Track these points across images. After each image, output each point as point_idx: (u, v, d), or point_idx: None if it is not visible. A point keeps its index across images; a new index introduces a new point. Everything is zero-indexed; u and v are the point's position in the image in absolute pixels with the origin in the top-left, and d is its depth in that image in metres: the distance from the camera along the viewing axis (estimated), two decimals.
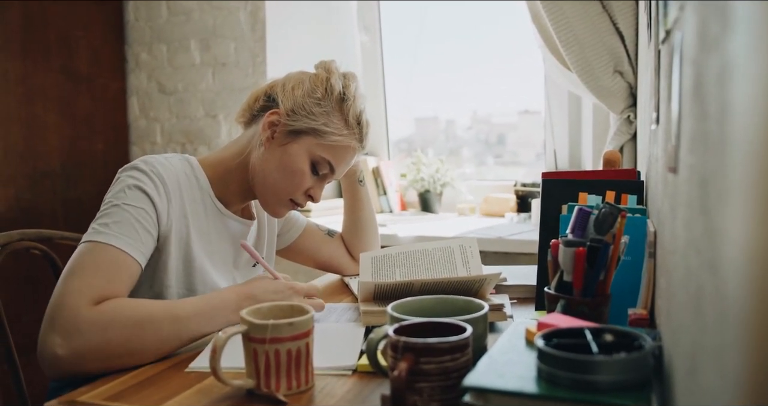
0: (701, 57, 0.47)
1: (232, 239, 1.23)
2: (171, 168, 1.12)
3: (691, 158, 0.52)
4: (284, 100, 1.18)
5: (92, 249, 0.99)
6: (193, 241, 1.13)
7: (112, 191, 1.07)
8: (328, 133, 1.17)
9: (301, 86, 1.19)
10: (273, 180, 1.18)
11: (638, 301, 1.01)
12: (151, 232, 1.06)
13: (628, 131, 1.90)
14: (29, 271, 2.27)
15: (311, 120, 1.16)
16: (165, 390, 0.86)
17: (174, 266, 1.11)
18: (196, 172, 1.17)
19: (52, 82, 2.44)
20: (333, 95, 1.18)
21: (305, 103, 1.17)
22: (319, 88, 1.18)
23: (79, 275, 0.97)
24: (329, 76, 1.20)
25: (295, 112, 1.17)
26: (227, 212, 1.21)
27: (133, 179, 1.07)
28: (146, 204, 1.06)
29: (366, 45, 2.81)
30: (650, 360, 0.67)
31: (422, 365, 0.72)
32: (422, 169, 2.59)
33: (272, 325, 0.81)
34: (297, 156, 1.17)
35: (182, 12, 2.65)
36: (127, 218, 1.03)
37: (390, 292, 1.13)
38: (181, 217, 1.11)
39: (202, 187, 1.17)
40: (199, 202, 1.16)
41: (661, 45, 0.83)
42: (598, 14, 1.85)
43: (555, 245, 0.93)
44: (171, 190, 1.10)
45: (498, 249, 2.00)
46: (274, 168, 1.18)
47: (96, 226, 1.02)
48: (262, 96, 1.22)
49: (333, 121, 1.18)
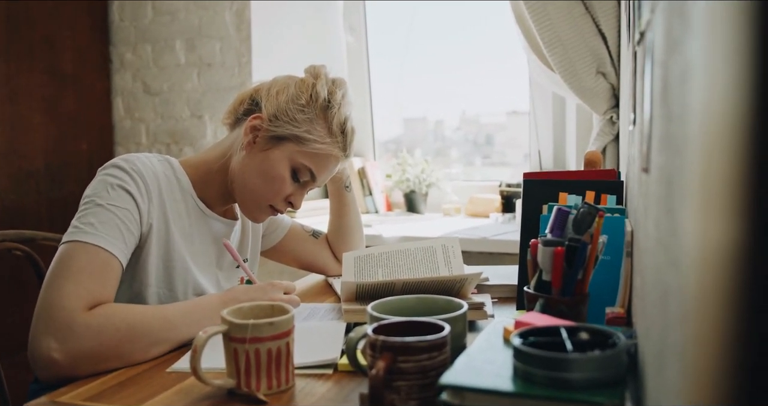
0: (667, 58, 0.48)
1: (215, 239, 1.23)
2: (150, 167, 1.12)
3: (660, 158, 0.53)
4: (267, 104, 1.17)
5: (83, 250, 0.99)
6: (175, 241, 1.13)
7: (93, 189, 1.06)
8: (310, 141, 1.16)
9: (285, 91, 1.17)
10: (252, 185, 1.17)
11: (617, 300, 1.02)
12: (134, 233, 1.06)
13: (611, 132, 1.92)
14: (11, 272, 2.25)
15: (294, 126, 1.15)
16: (146, 390, 0.86)
17: (154, 265, 1.11)
18: (177, 174, 1.17)
19: (36, 82, 2.42)
20: (317, 102, 1.17)
21: (288, 109, 1.16)
22: (303, 95, 1.17)
23: (73, 277, 0.96)
24: (315, 82, 1.18)
25: (278, 118, 1.16)
26: (210, 212, 1.21)
27: (116, 178, 1.07)
28: (130, 204, 1.06)
29: (352, 45, 2.82)
30: (624, 358, 0.68)
31: (400, 363, 0.72)
32: (408, 169, 2.59)
33: (252, 324, 0.81)
34: (277, 162, 1.16)
35: (167, 12, 2.64)
36: (111, 218, 1.03)
37: (372, 292, 1.13)
38: (161, 216, 1.11)
39: (184, 187, 1.17)
40: (180, 202, 1.16)
41: (637, 46, 0.84)
42: (581, 15, 1.87)
43: (534, 245, 0.94)
44: (151, 189, 1.09)
45: (482, 249, 2.01)
46: (255, 173, 1.17)
47: (80, 225, 1.02)
48: (247, 99, 1.22)
49: (316, 129, 1.16)
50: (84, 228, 1.01)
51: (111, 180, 1.06)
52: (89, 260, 0.98)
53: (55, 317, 0.92)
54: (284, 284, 1.12)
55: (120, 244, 1.02)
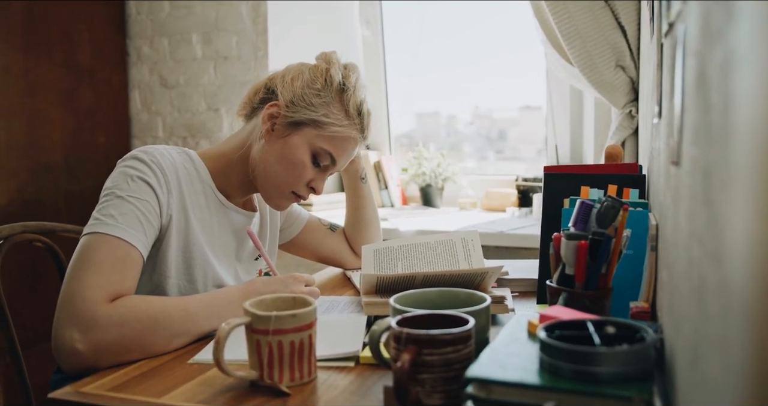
0: (705, 49, 0.47)
1: (235, 231, 1.23)
2: (170, 158, 1.12)
3: (694, 150, 0.53)
4: (283, 91, 1.17)
5: (103, 241, 0.99)
6: (195, 232, 1.13)
7: (114, 181, 1.07)
8: (328, 124, 1.16)
9: (300, 77, 1.18)
10: (274, 172, 1.18)
11: (640, 294, 1.01)
12: (154, 225, 1.06)
13: (630, 126, 1.90)
14: (32, 263, 2.28)
15: (311, 111, 1.16)
16: (168, 381, 0.86)
17: (174, 256, 1.11)
18: (196, 165, 1.17)
19: (54, 76, 2.44)
20: (333, 86, 1.17)
21: (305, 94, 1.16)
22: (318, 79, 1.17)
23: (95, 268, 0.97)
24: (329, 67, 1.19)
25: (295, 104, 1.16)
26: (229, 204, 1.21)
27: (135, 170, 1.07)
28: (150, 196, 1.06)
29: (368, 39, 2.81)
30: (652, 352, 0.67)
31: (425, 356, 0.72)
32: (424, 163, 2.59)
33: (275, 316, 0.81)
34: (298, 148, 1.16)
35: (184, 5, 2.64)
36: (132, 210, 1.03)
37: (392, 284, 1.13)
38: (181, 208, 1.11)
39: (203, 179, 1.18)
40: (200, 194, 1.16)
41: (664, 38, 0.83)
42: (601, 9, 1.85)
43: (557, 238, 0.93)
44: (171, 180, 1.10)
45: (499, 243, 2.00)
46: (275, 160, 1.17)
47: (101, 217, 1.02)
48: (262, 89, 1.22)
49: (333, 112, 1.17)
50: (105, 220, 1.01)
51: (131, 172, 1.07)
52: (110, 252, 0.99)
53: (78, 308, 0.93)
54: (305, 277, 1.12)
55: (140, 235, 1.03)
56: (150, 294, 1.10)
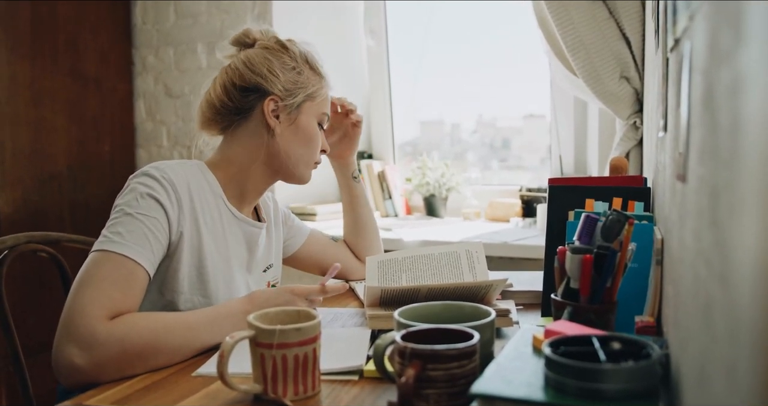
0: (712, 69, 0.47)
1: (247, 242, 1.24)
2: (182, 174, 1.12)
3: (701, 169, 0.52)
4: (270, 84, 1.20)
5: (108, 259, 1.00)
6: (208, 247, 1.13)
7: (124, 198, 1.07)
8: (316, 92, 1.24)
9: (269, 64, 1.20)
10: (299, 155, 1.24)
11: (645, 308, 1.01)
12: (162, 242, 1.06)
13: (635, 137, 1.90)
14: (36, 273, 2.28)
15: (302, 89, 1.22)
16: (172, 394, 0.86)
17: (186, 272, 1.11)
18: (207, 177, 1.18)
19: (60, 85, 2.45)
20: (297, 57, 1.23)
21: (288, 78, 1.21)
22: (285, 59, 1.22)
23: (96, 285, 0.97)
24: (284, 45, 1.24)
25: (288, 89, 1.21)
26: (240, 215, 1.21)
27: (145, 187, 1.07)
28: (158, 213, 1.06)
29: (372, 49, 2.82)
30: (658, 369, 0.67)
31: (429, 371, 0.72)
32: (428, 173, 2.58)
33: (280, 330, 0.81)
34: (309, 124, 1.24)
35: (189, 15, 2.66)
36: (140, 227, 1.03)
37: (396, 297, 1.13)
38: (193, 223, 1.11)
39: (214, 191, 1.18)
40: (213, 207, 1.16)
41: (670, 53, 0.83)
42: (605, 20, 1.85)
43: (562, 252, 0.93)
44: (182, 196, 1.09)
45: (503, 254, 2.00)
46: (297, 145, 1.23)
47: (109, 234, 1.02)
48: (224, 100, 1.22)
49: (311, 80, 1.24)
50: (112, 237, 1.02)
51: (141, 189, 1.07)
52: (114, 269, 0.99)
53: (77, 325, 0.93)
54: (305, 290, 1.11)
55: (147, 253, 1.03)
56: (163, 311, 1.10)
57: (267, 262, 1.32)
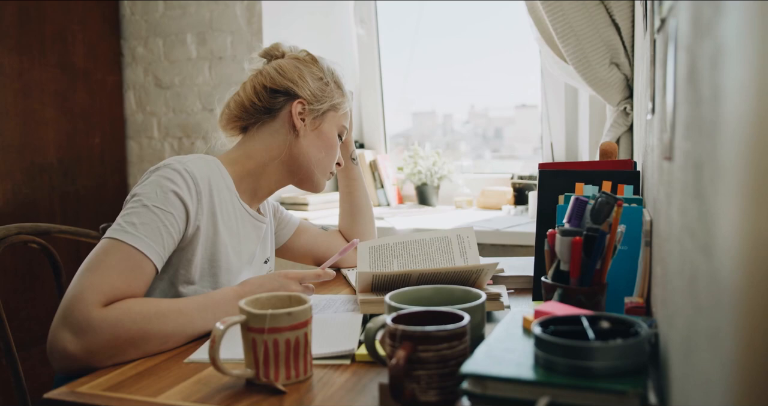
0: (695, 43, 0.48)
1: (257, 237, 1.27)
2: (204, 169, 1.14)
3: (686, 144, 0.53)
4: (300, 90, 1.25)
5: (119, 248, 1.00)
6: (223, 240, 1.15)
7: (143, 189, 1.07)
8: (341, 105, 1.31)
9: (299, 72, 1.26)
10: (317, 160, 1.29)
11: (635, 290, 1.02)
12: (174, 237, 1.07)
13: (625, 123, 1.91)
14: (27, 264, 2.27)
15: (329, 99, 1.28)
16: (164, 380, 0.86)
17: (199, 264, 1.12)
18: (222, 173, 1.20)
19: (48, 77, 2.43)
20: (325, 72, 1.30)
21: (318, 86, 1.27)
22: (314, 71, 1.29)
23: (101, 272, 0.97)
24: (315, 58, 1.31)
25: (316, 96, 1.27)
26: (251, 210, 1.25)
27: (167, 180, 1.07)
28: (176, 208, 1.06)
29: (362, 39, 2.81)
30: (646, 346, 0.67)
31: (420, 353, 0.72)
32: (419, 162, 2.59)
33: (271, 315, 0.81)
34: (330, 133, 1.30)
35: (178, 6, 2.64)
36: (154, 220, 1.03)
37: (388, 282, 1.13)
38: (210, 218, 1.13)
39: (229, 187, 1.20)
40: (228, 202, 1.19)
41: (657, 34, 0.83)
42: (595, 6, 1.86)
43: (552, 235, 0.93)
44: (202, 191, 1.11)
45: (495, 241, 2.01)
46: (316, 149, 1.28)
47: (123, 223, 1.03)
48: (253, 99, 1.26)
49: (337, 94, 1.30)
50: (125, 227, 1.02)
51: (163, 182, 1.07)
52: (122, 259, 0.99)
53: (74, 309, 0.93)
54: (299, 274, 1.13)
55: (158, 247, 1.03)
56: None
57: (266, 254, 1.34)
